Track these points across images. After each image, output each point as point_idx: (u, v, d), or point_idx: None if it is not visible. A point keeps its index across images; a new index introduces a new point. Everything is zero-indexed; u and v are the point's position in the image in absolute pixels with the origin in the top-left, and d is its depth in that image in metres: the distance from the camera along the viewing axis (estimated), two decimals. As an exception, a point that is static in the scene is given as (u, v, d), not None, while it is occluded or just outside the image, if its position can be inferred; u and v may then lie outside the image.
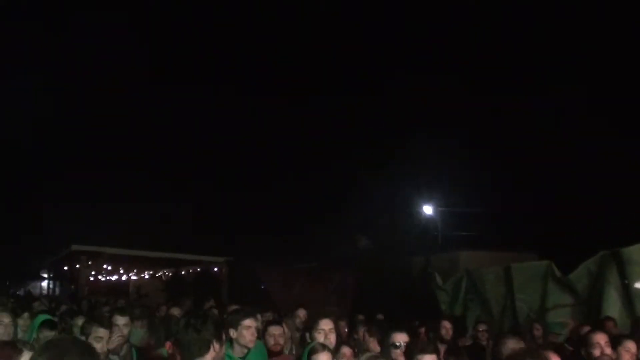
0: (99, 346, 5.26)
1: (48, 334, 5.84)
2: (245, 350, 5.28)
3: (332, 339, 5.35)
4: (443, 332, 7.77)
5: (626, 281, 9.92)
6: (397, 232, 25.97)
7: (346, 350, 5.51)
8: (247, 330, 5.29)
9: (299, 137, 34.37)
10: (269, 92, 38.63)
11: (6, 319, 5.80)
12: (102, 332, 5.41)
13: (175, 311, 8.91)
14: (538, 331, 9.22)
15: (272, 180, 35.01)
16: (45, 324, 6.08)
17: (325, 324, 5.41)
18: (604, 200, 21.25)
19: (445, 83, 31.35)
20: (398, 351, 5.05)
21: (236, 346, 5.26)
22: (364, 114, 32.85)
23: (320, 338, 5.23)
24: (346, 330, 8.59)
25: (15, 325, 6.07)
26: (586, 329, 6.39)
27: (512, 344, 5.31)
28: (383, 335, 5.55)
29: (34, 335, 5.94)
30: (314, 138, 33.85)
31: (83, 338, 5.22)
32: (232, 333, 5.29)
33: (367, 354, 5.44)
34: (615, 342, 5.39)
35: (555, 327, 8.90)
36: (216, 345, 4.16)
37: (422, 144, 27.62)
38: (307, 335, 5.65)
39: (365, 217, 27.79)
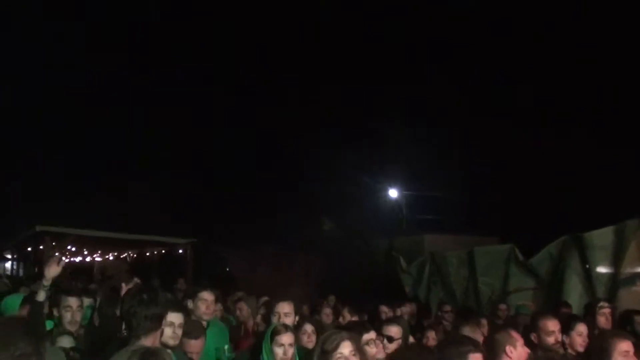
0: (68, 315, 5.42)
1: None
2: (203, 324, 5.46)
3: (288, 322, 5.31)
4: (383, 317, 7.58)
5: (587, 266, 10.09)
6: (362, 215, 26.03)
7: (307, 327, 5.56)
8: (202, 302, 5.53)
9: (265, 117, 34.21)
10: (236, 73, 38.50)
11: None
12: (72, 301, 5.53)
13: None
14: (502, 312, 9.33)
15: (237, 163, 34.87)
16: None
17: (281, 307, 5.41)
18: (566, 185, 21.49)
19: (413, 64, 31.52)
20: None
21: (193, 318, 5.43)
22: (332, 94, 32.78)
23: (275, 321, 5.24)
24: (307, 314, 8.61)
25: None
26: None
27: (467, 331, 5.35)
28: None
29: None
30: (280, 119, 33.72)
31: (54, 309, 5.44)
32: (190, 304, 5.58)
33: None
34: (567, 326, 5.45)
35: (522, 308, 9.01)
36: (172, 317, 4.23)
37: (388, 126, 27.68)
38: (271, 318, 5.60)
39: (330, 200, 27.79)
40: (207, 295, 5.58)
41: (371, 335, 4.65)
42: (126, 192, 32.06)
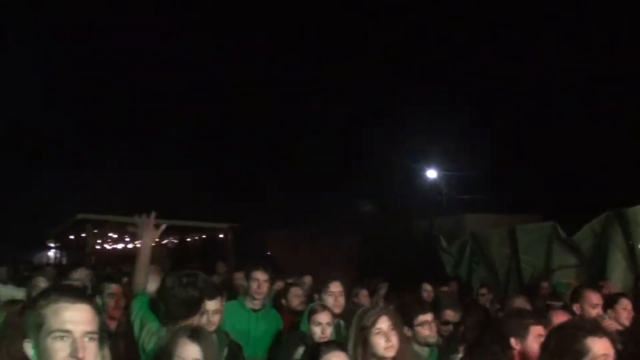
0: (112, 302, 5.43)
1: None
2: (258, 304, 5.50)
3: (341, 301, 5.36)
4: (425, 295, 7.76)
5: (630, 242, 9.94)
6: (401, 196, 25.95)
7: (361, 291, 5.56)
8: (254, 282, 5.48)
9: (304, 102, 34.22)
10: (275, 57, 38.51)
11: (42, 283, 5.86)
12: (113, 287, 5.52)
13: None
14: (545, 290, 9.26)
15: (277, 147, 35.01)
16: None
17: (335, 287, 5.39)
18: (608, 160, 21.19)
19: (451, 48, 31.23)
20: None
21: (248, 298, 5.51)
22: (370, 78, 32.70)
23: (330, 301, 5.23)
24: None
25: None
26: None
27: (518, 303, 5.34)
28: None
29: None
30: (319, 103, 33.74)
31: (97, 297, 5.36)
32: (245, 284, 5.61)
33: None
34: (611, 300, 5.41)
35: (561, 287, 8.92)
36: (208, 304, 4.13)
37: (426, 107, 27.51)
38: (316, 297, 5.59)
39: (369, 181, 27.75)
40: (259, 275, 5.51)
41: (427, 317, 4.56)
42: (166, 177, 32.42)
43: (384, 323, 3.77)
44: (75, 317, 2.28)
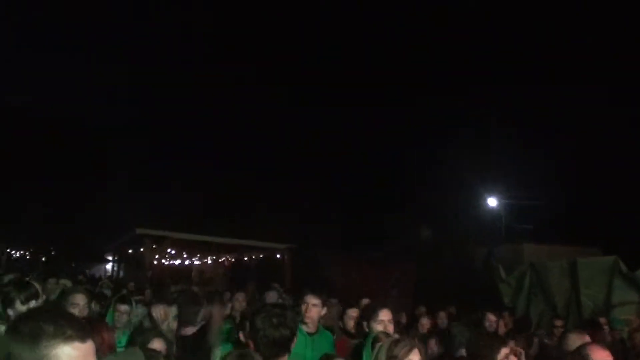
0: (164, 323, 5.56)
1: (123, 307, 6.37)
2: (311, 327, 5.46)
3: (390, 329, 5.21)
4: (487, 325, 7.64)
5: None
6: (461, 224, 25.76)
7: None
8: (304, 305, 5.47)
9: (367, 125, 34.41)
10: (338, 86, 38.82)
11: (82, 300, 6.03)
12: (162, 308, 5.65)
13: (240, 297, 9.13)
14: (602, 325, 9.08)
15: (335, 170, 35.11)
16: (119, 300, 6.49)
17: (385, 315, 5.26)
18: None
19: (511, 75, 30.97)
20: None
21: (304, 323, 5.45)
22: (431, 105, 32.66)
23: (379, 328, 5.10)
24: (404, 321, 8.61)
25: (90, 307, 6.24)
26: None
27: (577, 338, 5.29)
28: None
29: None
30: (381, 126, 33.85)
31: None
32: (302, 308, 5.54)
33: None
34: None
35: (618, 323, 8.75)
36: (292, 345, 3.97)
37: (488, 135, 27.35)
38: (365, 324, 5.42)
39: (429, 208, 27.64)
40: (309, 299, 5.48)
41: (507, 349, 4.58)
42: (226, 196, 32.79)
43: (415, 356, 3.78)
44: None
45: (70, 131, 40.69)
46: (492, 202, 26.76)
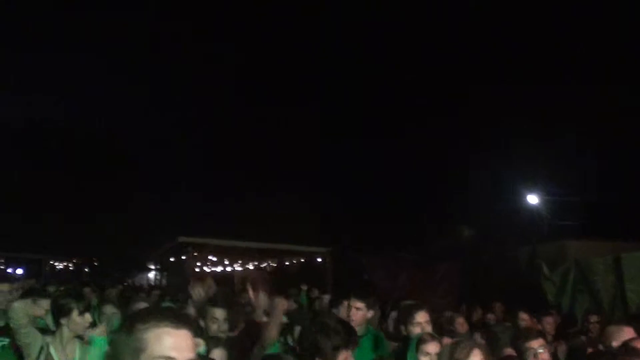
0: (214, 327, 5.53)
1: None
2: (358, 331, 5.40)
3: (428, 331, 5.20)
4: (522, 325, 7.64)
5: None
6: (502, 222, 25.60)
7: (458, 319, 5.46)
8: (347, 309, 5.54)
9: (405, 129, 34.41)
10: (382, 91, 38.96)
11: (109, 310, 6.16)
12: (218, 312, 5.65)
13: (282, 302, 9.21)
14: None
15: (377, 172, 35.17)
16: None
17: (422, 317, 5.25)
18: None
19: (550, 71, 30.72)
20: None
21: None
22: (469, 102, 32.56)
23: (416, 331, 5.11)
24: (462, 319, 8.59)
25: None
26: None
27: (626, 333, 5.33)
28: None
29: None
30: (417, 128, 33.84)
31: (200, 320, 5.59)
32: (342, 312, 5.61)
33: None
34: None
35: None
36: (344, 353, 3.97)
37: (527, 132, 27.17)
38: (403, 328, 5.44)
39: (469, 207, 27.55)
40: (352, 302, 5.50)
41: (540, 341, 4.71)
42: (266, 202, 33.02)
43: (476, 356, 3.86)
44: (178, 344, 2.20)
45: (111, 144, 41.35)
46: (532, 199, 26.54)
